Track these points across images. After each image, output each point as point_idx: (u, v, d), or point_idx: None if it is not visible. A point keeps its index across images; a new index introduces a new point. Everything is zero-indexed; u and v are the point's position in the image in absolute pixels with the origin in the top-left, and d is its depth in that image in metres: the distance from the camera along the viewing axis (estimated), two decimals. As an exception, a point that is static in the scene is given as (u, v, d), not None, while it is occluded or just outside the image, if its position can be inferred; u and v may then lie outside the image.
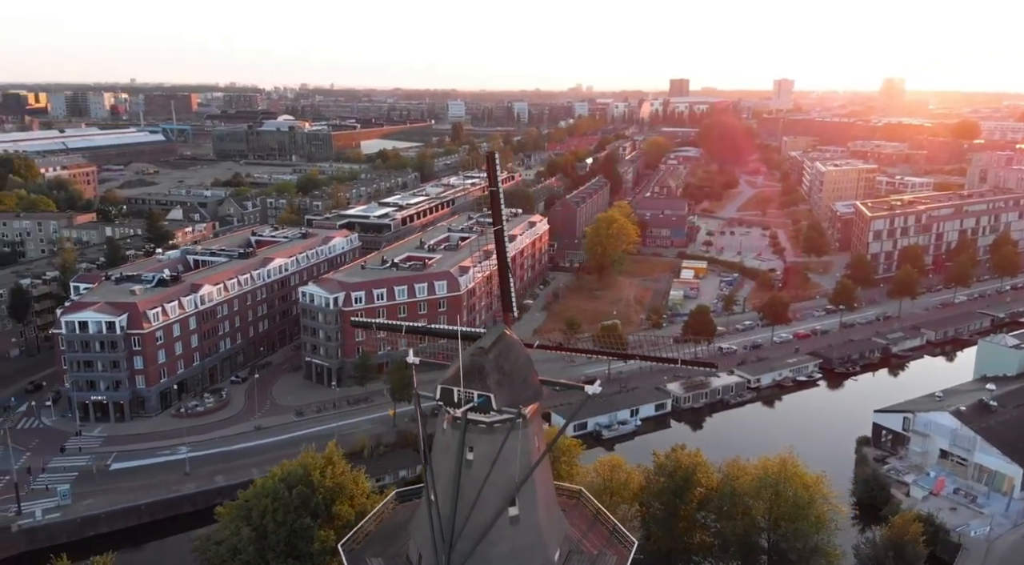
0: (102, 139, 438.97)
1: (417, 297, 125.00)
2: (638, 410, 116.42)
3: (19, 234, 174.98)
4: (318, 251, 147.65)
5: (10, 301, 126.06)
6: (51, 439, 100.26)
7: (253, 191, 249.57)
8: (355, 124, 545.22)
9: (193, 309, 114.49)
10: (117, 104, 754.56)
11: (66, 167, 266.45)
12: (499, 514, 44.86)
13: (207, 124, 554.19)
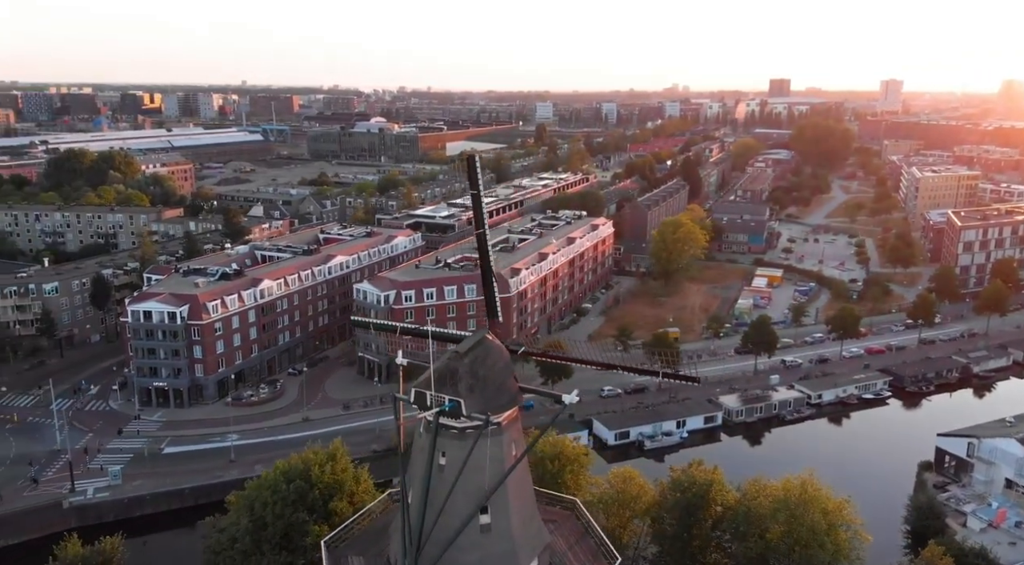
0: (205, 138, 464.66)
1: (466, 297, 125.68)
2: (685, 422, 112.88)
3: (112, 227, 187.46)
4: (380, 250, 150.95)
5: (92, 289, 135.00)
6: (114, 421, 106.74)
7: (334, 190, 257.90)
8: (442, 126, 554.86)
9: (253, 303, 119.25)
10: (225, 105, 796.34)
11: (166, 164, 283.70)
12: (468, 521, 44.28)
13: (304, 125, 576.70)
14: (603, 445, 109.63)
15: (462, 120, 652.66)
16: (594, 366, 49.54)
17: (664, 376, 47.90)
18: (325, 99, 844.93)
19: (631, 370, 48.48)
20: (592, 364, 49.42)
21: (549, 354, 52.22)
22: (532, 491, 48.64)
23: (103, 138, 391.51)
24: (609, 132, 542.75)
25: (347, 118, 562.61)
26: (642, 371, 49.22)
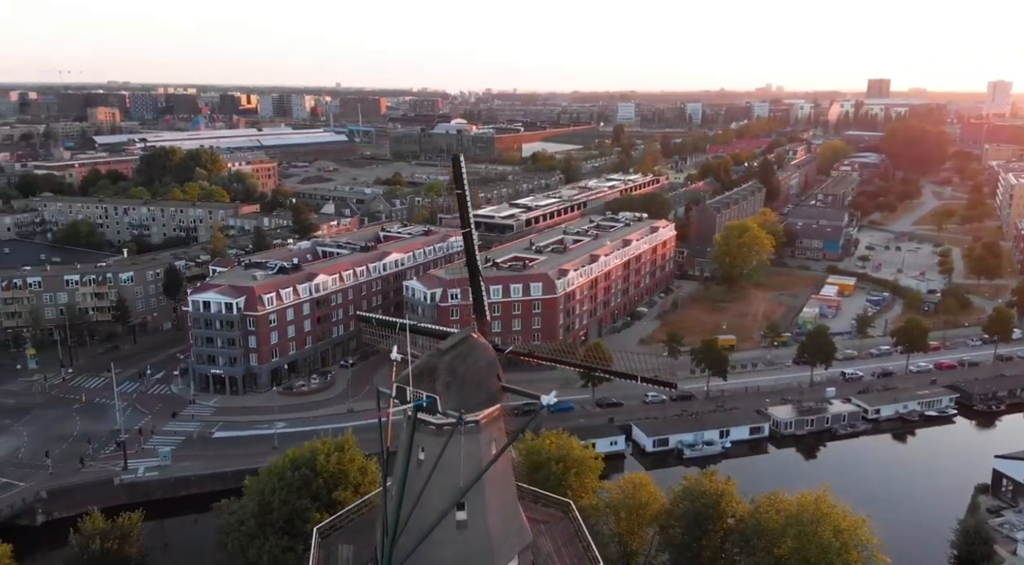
0: (293, 138, 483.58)
1: (511, 297, 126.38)
2: (729, 431, 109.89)
3: (193, 221, 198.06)
4: (435, 248, 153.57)
5: (165, 279, 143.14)
6: (172, 405, 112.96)
7: (405, 190, 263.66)
8: (519, 127, 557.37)
9: (307, 296, 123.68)
10: (317, 106, 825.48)
11: (251, 162, 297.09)
12: (443, 516, 44.88)
13: (389, 126, 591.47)
14: (641, 451, 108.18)
15: (540, 121, 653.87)
16: (576, 368, 49.43)
17: (642, 380, 47.34)
18: (411, 101, 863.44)
19: (611, 373, 48.05)
20: (572, 365, 49.45)
21: (534, 355, 52.04)
22: (514, 491, 48.71)
23: (197, 137, 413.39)
24: (691, 133, 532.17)
25: (429, 120, 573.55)
26: (620, 374, 48.60)
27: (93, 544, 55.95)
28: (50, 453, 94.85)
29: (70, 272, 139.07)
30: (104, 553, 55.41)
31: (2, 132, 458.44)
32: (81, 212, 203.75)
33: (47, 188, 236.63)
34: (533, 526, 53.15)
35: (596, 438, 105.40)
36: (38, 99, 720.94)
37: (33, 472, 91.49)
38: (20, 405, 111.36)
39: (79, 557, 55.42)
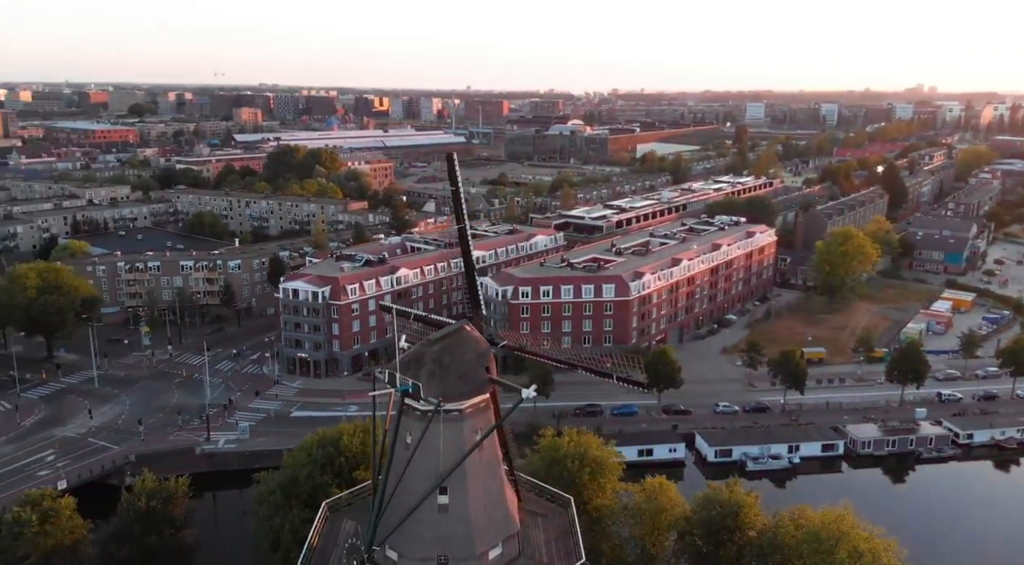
0: (415, 139, 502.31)
1: (583, 298, 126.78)
2: (799, 447, 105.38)
3: (307, 215, 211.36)
4: (518, 246, 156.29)
5: (269, 268, 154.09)
6: (260, 385, 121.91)
7: (508, 190, 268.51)
8: (635, 128, 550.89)
9: (389, 288, 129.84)
10: (444, 109, 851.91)
11: (369, 161, 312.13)
12: (423, 499, 47.22)
13: (507, 128, 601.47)
14: (703, 461, 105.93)
15: (659, 121, 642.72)
16: (553, 362, 50.67)
17: (617, 380, 47.71)
18: (532, 103, 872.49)
19: (586, 369, 48.74)
20: (553, 360, 50.58)
21: (526, 350, 53.33)
22: (501, 481, 50.13)
23: (327, 137, 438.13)
24: (822, 134, 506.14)
25: (546, 121, 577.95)
26: (594, 371, 49.09)
27: (139, 502, 62.63)
28: (144, 421, 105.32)
29: (185, 258, 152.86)
30: (150, 511, 61.85)
31: (157, 129, 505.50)
32: (209, 204, 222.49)
33: (185, 181, 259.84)
34: (531, 518, 54.55)
35: (654, 444, 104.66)
36: (193, 99, 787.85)
37: (128, 438, 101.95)
38: (129, 377, 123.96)
39: (126, 513, 62.19)
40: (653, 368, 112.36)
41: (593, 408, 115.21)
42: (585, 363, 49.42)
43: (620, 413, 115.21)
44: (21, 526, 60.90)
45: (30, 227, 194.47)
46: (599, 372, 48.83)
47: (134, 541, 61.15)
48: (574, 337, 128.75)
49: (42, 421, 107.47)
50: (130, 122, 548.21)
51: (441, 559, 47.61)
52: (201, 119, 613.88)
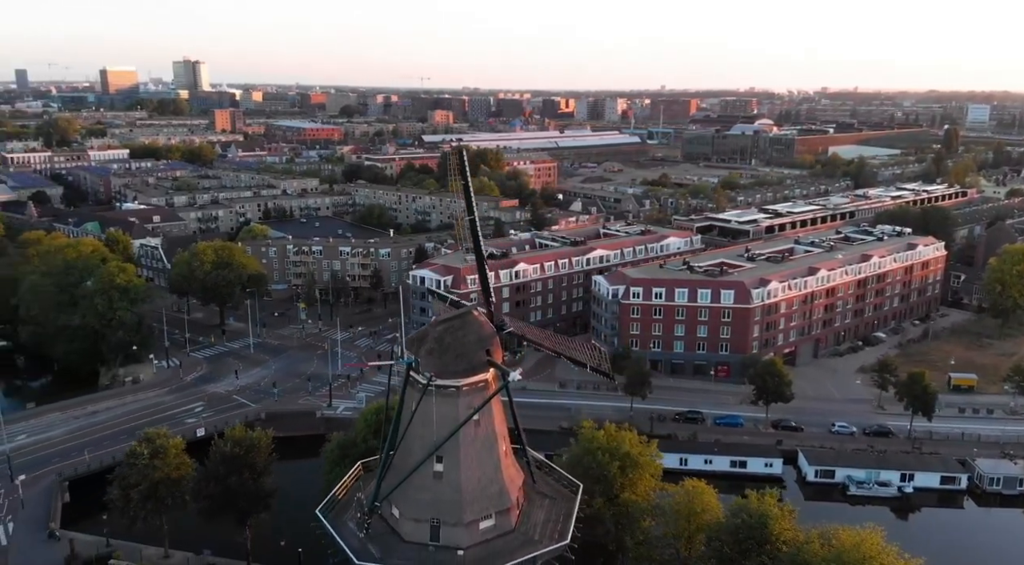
0: (589, 140, 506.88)
1: (698, 302, 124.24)
2: (913, 476, 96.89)
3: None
4: (647, 247, 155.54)
5: (415, 257, 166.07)
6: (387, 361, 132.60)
7: (666, 191, 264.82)
8: (828, 129, 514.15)
9: (507, 281, 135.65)
10: (629, 109, 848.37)
11: (534, 161, 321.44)
12: (419, 465, 51.82)
13: (690, 128, 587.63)
14: (803, 480, 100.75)
15: (861, 123, 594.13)
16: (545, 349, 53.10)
17: (591, 368, 49.15)
18: (723, 102, 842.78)
19: (570, 359, 50.57)
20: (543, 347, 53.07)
21: (527, 337, 55.99)
22: (498, 459, 53.20)
23: (505, 138, 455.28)
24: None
25: (731, 121, 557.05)
26: (573, 360, 50.56)
27: (226, 447, 72.87)
28: (280, 385, 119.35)
29: (344, 245, 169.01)
30: (234, 456, 71.81)
31: (360, 129, 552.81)
32: (382, 198, 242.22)
33: (368, 177, 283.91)
34: (539, 499, 57.32)
35: (749, 457, 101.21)
36: (398, 102, 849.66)
37: (264, 398, 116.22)
38: (280, 347, 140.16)
39: (216, 456, 72.68)
40: (760, 379, 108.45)
41: (694, 415, 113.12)
42: (567, 352, 51.52)
43: (723, 423, 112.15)
44: (136, 458, 73.47)
45: (230, 211, 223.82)
46: (575, 361, 50.81)
47: (219, 480, 71.41)
48: (687, 342, 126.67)
49: (201, 378, 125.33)
50: (339, 122, 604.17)
51: (434, 521, 51.93)
52: (403, 120, 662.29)
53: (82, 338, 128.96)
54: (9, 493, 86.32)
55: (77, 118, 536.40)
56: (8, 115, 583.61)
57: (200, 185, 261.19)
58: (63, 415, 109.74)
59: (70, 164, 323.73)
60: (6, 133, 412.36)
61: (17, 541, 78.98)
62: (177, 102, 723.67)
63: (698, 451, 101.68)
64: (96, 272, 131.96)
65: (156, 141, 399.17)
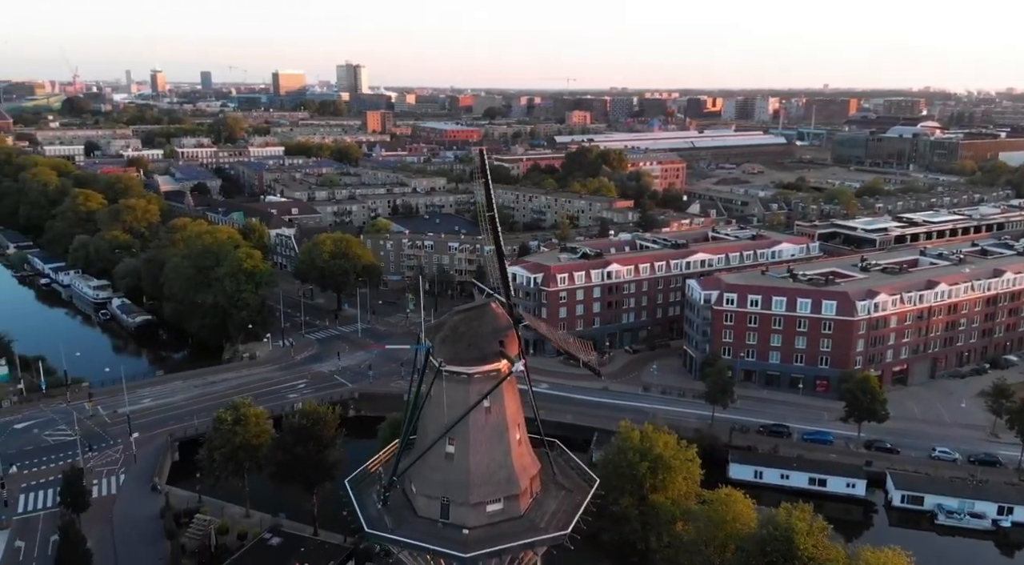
0: (728, 140, 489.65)
1: (796, 312, 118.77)
2: (1012, 509, 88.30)
3: (577, 211, 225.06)
4: (756, 253, 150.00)
5: (518, 254, 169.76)
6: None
7: (800, 195, 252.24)
8: (999, 133, 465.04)
9: (599, 281, 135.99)
10: (782, 108, 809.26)
11: (661, 162, 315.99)
12: (432, 445, 54.84)
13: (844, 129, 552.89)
14: (889, 504, 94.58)
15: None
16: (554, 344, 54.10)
17: (583, 364, 49.62)
18: (887, 102, 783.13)
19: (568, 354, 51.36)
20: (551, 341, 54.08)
21: (539, 330, 57.42)
22: (508, 447, 55.11)
23: (638, 138, 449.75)
24: None
25: (891, 123, 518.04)
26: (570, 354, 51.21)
27: (295, 420, 79.51)
28: (375, 368, 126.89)
29: (453, 240, 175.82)
30: (302, 428, 78.26)
31: (499, 130, 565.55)
32: (500, 197, 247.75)
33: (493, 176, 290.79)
34: (555, 489, 58.89)
35: (829, 475, 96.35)
36: (540, 103, 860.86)
37: (360, 379, 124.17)
38: (386, 333, 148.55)
39: (287, 427, 79.65)
40: (851, 396, 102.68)
41: (780, 428, 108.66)
42: (567, 348, 52.78)
43: (811, 439, 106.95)
44: (220, 423, 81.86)
45: (362, 206, 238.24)
46: (571, 355, 51.77)
47: (287, 449, 78.12)
48: (784, 353, 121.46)
49: (309, 357, 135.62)
50: (481, 123, 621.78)
51: (444, 500, 54.78)
52: (543, 121, 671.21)
53: (212, 315, 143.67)
54: (125, 448, 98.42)
55: (247, 117, 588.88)
56: (189, 113, 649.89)
57: (341, 181, 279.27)
58: (184, 383, 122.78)
59: (232, 159, 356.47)
60: (183, 130, 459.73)
61: (125, 491, 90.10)
62: (336, 104, 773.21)
63: (775, 465, 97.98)
64: (228, 257, 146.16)
65: (310, 140, 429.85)
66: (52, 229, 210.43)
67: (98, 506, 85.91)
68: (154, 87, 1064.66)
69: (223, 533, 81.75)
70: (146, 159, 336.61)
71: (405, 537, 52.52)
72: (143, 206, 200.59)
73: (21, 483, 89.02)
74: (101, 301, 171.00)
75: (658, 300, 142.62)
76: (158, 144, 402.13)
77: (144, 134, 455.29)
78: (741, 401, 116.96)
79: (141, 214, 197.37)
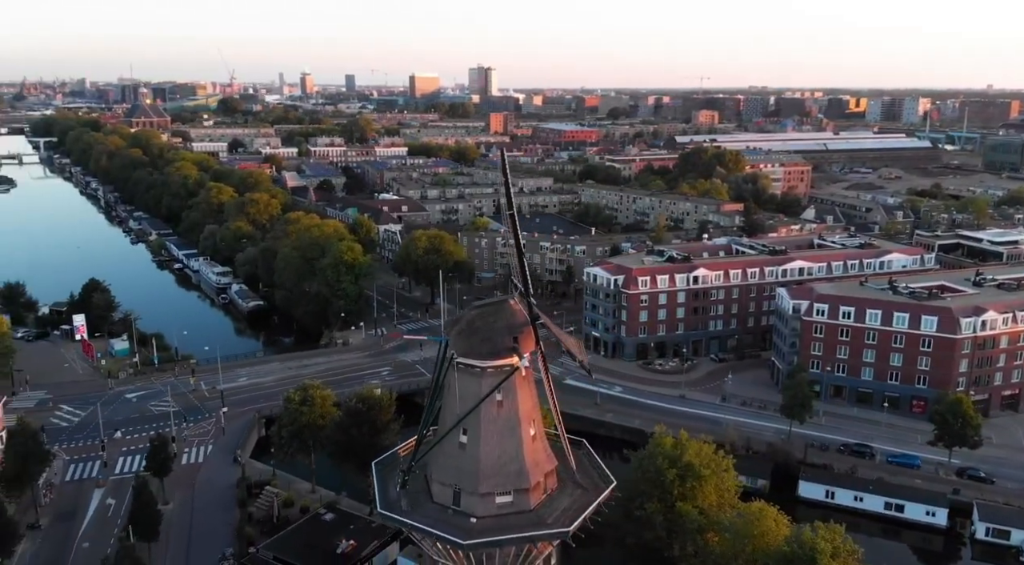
0: (866, 142, 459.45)
1: (892, 327, 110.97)
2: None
3: (682, 213, 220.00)
4: (861, 262, 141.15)
5: (609, 254, 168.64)
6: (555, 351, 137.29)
7: (932, 203, 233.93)
8: None
9: (684, 286, 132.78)
10: (933, 109, 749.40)
11: (784, 164, 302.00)
12: (446, 433, 56.69)
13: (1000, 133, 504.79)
14: (972, 536, 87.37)
15: None
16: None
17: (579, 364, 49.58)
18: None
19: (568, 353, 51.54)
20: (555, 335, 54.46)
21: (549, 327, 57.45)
22: (519, 440, 56.17)
23: (763, 139, 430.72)
24: None
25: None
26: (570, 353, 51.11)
27: (351, 403, 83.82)
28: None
29: (545, 240, 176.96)
30: (357, 412, 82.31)
31: (621, 131, 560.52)
32: (605, 198, 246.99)
33: (601, 177, 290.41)
34: (571, 487, 59.46)
35: (909, 501, 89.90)
36: (669, 103, 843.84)
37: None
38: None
39: (344, 410, 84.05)
40: (941, 419, 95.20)
41: (863, 448, 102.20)
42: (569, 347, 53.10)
43: (896, 462, 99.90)
44: (289, 403, 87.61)
45: (468, 205, 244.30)
46: (571, 354, 51.97)
47: (344, 430, 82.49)
48: (877, 370, 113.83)
49: (397, 347, 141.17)
50: (604, 124, 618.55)
51: (456, 488, 56.56)
52: (670, 121, 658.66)
53: (315, 303, 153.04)
54: (217, 422, 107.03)
55: (381, 118, 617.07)
56: (330, 114, 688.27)
57: (453, 181, 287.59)
58: (281, 365, 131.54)
59: (359, 158, 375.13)
60: (320, 130, 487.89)
61: (211, 460, 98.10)
62: (465, 106, 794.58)
63: (848, 486, 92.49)
64: (331, 249, 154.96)
65: (434, 140, 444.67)
66: (188, 219, 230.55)
67: (185, 472, 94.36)
68: (303, 89, 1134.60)
69: (288, 506, 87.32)
70: (280, 156, 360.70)
71: (410, 519, 54.58)
72: (266, 200, 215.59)
73: (122, 447, 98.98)
74: (222, 286, 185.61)
75: (749, 308, 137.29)
76: (296, 143, 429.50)
77: (285, 133, 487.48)
78: (826, 418, 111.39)
79: (263, 207, 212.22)
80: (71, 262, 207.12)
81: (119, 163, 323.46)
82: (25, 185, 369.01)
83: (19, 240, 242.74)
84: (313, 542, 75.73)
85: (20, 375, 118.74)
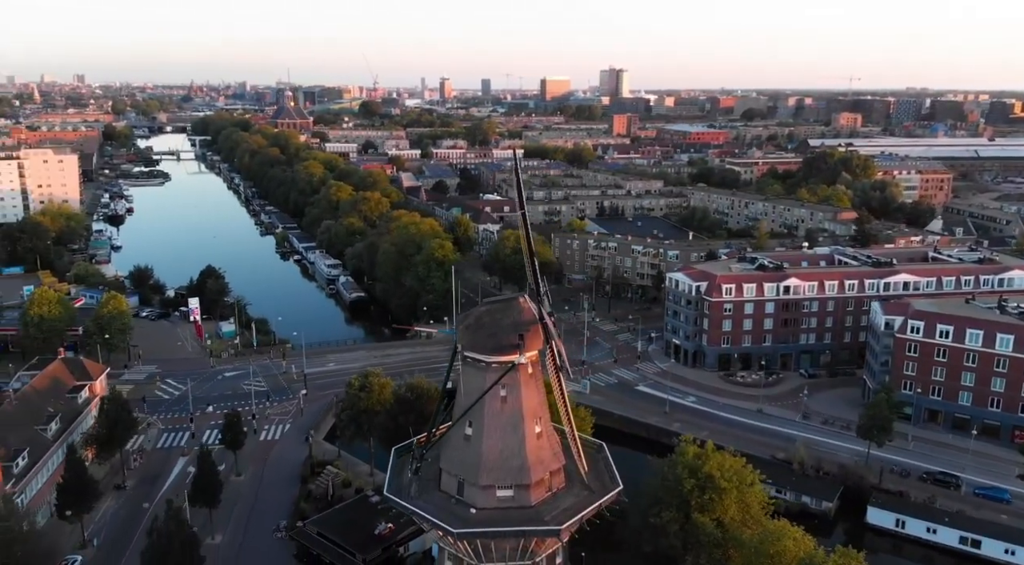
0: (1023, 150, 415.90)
1: (995, 349, 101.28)
2: None
3: (796, 219, 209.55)
4: (979, 279, 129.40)
5: (705, 259, 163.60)
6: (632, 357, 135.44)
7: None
8: None
9: (773, 296, 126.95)
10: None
11: (921, 171, 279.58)
12: (453, 424, 58.24)
13: None
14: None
15: None
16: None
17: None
18: None
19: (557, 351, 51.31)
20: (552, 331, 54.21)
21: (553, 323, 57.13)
22: (523, 438, 56.81)
23: (906, 144, 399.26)
24: None
25: None
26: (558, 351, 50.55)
27: (401, 391, 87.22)
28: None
29: (638, 244, 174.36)
30: (402, 399, 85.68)
31: (753, 133, 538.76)
32: (715, 202, 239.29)
33: (717, 180, 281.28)
34: (579, 487, 59.75)
35: (987, 537, 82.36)
36: (811, 104, 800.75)
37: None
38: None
39: (394, 398, 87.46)
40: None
41: (948, 478, 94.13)
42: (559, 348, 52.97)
43: (984, 494, 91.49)
44: (351, 389, 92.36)
45: (571, 207, 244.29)
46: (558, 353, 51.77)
47: (393, 417, 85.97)
48: (976, 395, 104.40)
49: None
50: (736, 125, 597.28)
51: (460, 478, 57.93)
52: (811, 123, 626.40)
53: (408, 297, 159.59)
54: (298, 403, 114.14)
55: (509, 121, 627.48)
56: (461, 118, 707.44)
57: (562, 183, 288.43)
58: (367, 353, 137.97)
59: (477, 160, 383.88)
60: (447, 133, 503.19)
61: (286, 438, 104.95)
62: (592, 108, 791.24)
63: (920, 515, 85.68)
64: (425, 246, 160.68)
65: (552, 143, 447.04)
66: (310, 214, 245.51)
67: (261, 448, 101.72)
68: (442, 94, 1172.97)
69: (346, 486, 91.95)
70: (404, 157, 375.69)
71: (409, 504, 56.48)
72: (377, 198, 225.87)
73: (210, 421, 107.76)
74: (332, 277, 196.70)
75: (846, 323, 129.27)
76: (424, 145, 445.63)
77: (415, 136, 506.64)
78: (915, 443, 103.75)
79: (375, 205, 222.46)
80: (205, 250, 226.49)
81: (259, 160, 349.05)
82: (179, 179, 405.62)
83: (163, 227, 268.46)
84: (355, 522, 79.52)
85: (135, 350, 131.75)
